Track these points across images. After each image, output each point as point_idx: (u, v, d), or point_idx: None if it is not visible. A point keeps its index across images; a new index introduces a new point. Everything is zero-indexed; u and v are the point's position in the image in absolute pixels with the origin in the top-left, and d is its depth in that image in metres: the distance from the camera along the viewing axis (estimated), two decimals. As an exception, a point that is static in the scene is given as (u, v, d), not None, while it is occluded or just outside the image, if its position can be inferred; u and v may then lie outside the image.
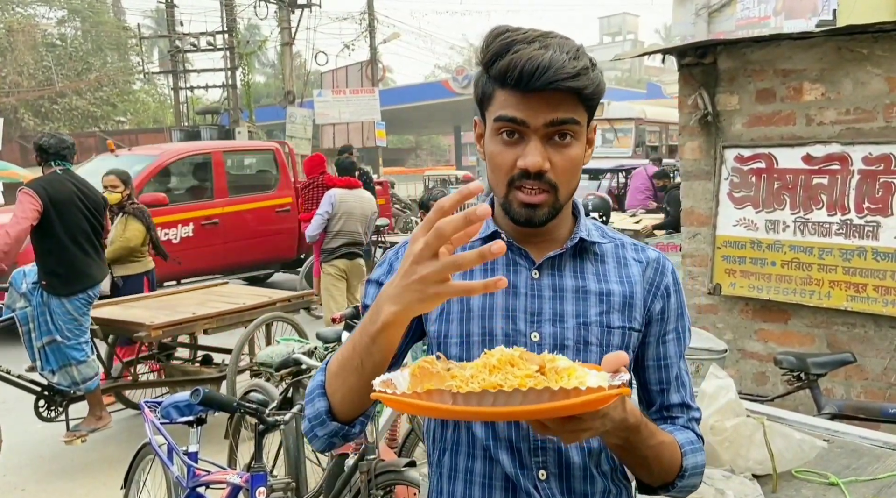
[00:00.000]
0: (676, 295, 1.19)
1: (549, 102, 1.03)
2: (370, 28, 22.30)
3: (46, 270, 4.23)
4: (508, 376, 0.83)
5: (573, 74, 1.01)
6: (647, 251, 1.20)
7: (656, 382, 1.18)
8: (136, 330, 4.38)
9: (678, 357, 1.19)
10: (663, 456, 1.08)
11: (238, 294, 5.50)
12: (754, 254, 3.46)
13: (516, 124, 1.04)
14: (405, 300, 0.87)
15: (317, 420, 1.06)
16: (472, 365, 0.87)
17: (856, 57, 3.14)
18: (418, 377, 0.87)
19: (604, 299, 1.13)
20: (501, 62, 1.03)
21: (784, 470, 1.86)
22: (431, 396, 0.82)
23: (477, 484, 1.12)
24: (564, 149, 1.06)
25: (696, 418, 1.20)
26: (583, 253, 1.16)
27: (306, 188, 6.89)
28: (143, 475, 2.98)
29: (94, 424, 4.47)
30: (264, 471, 2.40)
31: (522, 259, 1.14)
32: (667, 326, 1.18)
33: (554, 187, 1.07)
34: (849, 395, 3.30)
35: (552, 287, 1.13)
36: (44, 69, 26.28)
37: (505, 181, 1.08)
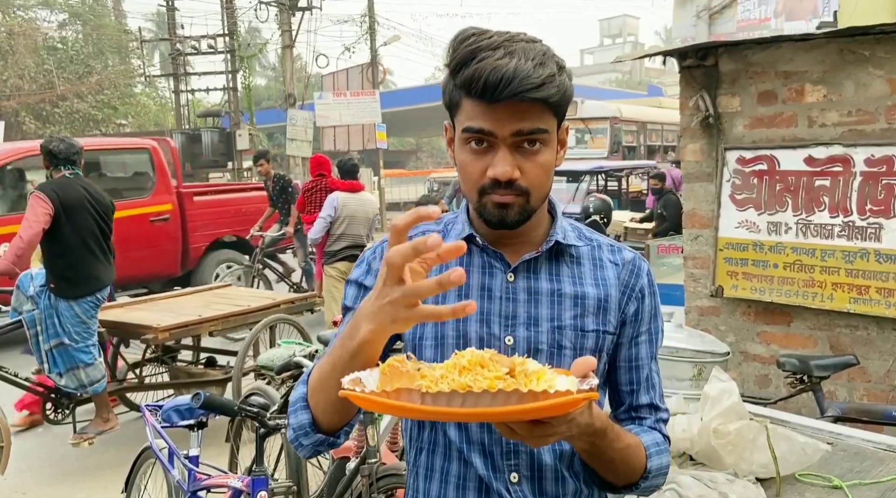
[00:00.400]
0: (651, 297, 1.19)
1: (515, 113, 1.02)
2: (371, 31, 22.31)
3: (56, 273, 4.24)
4: (478, 377, 0.83)
5: (538, 85, 1.00)
6: (623, 252, 1.20)
7: (626, 383, 1.19)
8: (144, 332, 4.40)
9: (650, 359, 1.20)
10: (629, 458, 1.09)
11: (242, 296, 5.51)
12: (756, 256, 3.45)
13: (483, 135, 1.04)
14: (379, 320, 0.88)
15: (301, 431, 1.07)
16: (443, 365, 0.87)
17: (857, 58, 3.13)
18: (388, 376, 0.87)
19: (578, 303, 1.13)
20: (466, 71, 1.01)
21: (787, 473, 1.85)
22: (400, 396, 0.82)
23: (452, 484, 1.13)
24: (534, 156, 1.06)
25: (664, 419, 1.22)
26: (558, 255, 1.16)
27: (309, 191, 6.89)
28: (144, 479, 2.97)
29: (102, 426, 4.49)
30: (265, 474, 2.40)
31: (498, 262, 1.14)
32: (640, 328, 1.18)
33: (525, 193, 1.07)
34: (852, 397, 3.29)
35: (527, 290, 1.13)
36: (45, 72, 26.32)
37: (476, 190, 1.08)
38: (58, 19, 29.35)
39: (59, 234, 4.21)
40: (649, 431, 1.18)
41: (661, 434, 1.19)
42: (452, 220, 1.21)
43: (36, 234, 4.12)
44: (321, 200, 6.37)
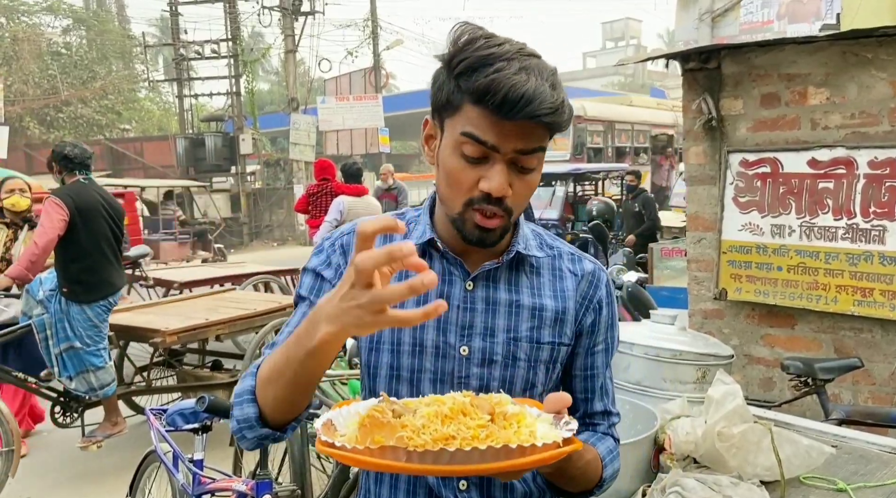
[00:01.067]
0: (608, 307, 1.20)
1: (523, 131, 1.00)
2: (373, 35, 22.38)
3: (69, 277, 4.26)
4: (461, 427, 0.82)
5: (553, 110, 0.99)
6: (584, 262, 1.20)
7: (581, 391, 1.21)
8: (152, 336, 4.42)
9: (605, 367, 1.22)
10: (588, 472, 1.12)
11: (248, 300, 5.53)
12: (760, 259, 3.45)
13: (486, 147, 1.01)
14: (343, 322, 0.83)
15: (246, 424, 1.04)
16: (424, 414, 0.84)
17: (860, 61, 3.14)
18: (368, 428, 0.84)
19: (536, 314, 1.13)
20: (480, 80, 0.97)
21: (792, 476, 1.85)
22: (385, 454, 0.79)
23: (402, 490, 1.14)
24: (526, 176, 1.05)
25: (616, 423, 1.24)
26: (518, 265, 1.15)
27: (314, 195, 6.90)
28: (149, 483, 2.98)
29: (110, 429, 4.51)
30: (269, 478, 2.40)
31: (457, 269, 1.13)
32: (596, 338, 1.19)
33: (509, 212, 1.06)
34: (856, 400, 3.28)
35: (485, 300, 1.12)
36: (49, 78, 26.42)
37: (463, 200, 1.05)
38: (62, 25, 29.47)
39: (74, 239, 4.24)
40: (603, 437, 1.20)
41: (614, 438, 1.23)
42: (415, 218, 1.18)
43: (51, 240, 4.15)
44: (326, 204, 6.40)
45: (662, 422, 2.01)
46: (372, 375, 1.15)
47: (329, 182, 6.82)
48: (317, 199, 6.86)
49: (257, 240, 20.90)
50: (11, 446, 3.73)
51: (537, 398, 1.12)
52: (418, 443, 0.79)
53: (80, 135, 25.36)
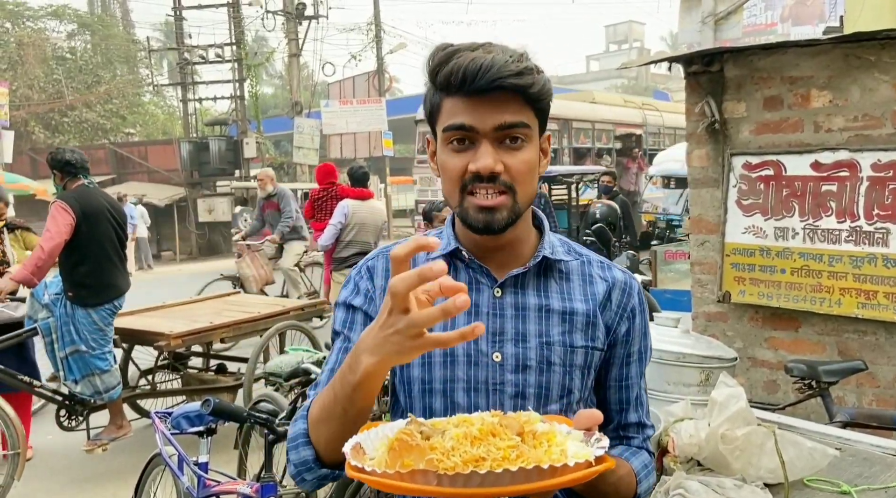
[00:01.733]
0: (641, 315, 1.18)
1: (496, 105, 1.01)
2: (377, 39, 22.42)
3: (75, 281, 4.28)
4: (491, 448, 0.81)
5: (517, 72, 1.00)
6: (614, 270, 1.19)
7: (616, 402, 1.19)
8: (156, 339, 4.44)
9: (639, 377, 1.20)
10: (621, 488, 1.10)
11: (251, 303, 5.54)
12: (763, 261, 3.45)
13: (465, 131, 1.03)
14: (384, 352, 0.84)
15: (304, 466, 1.05)
16: (453, 435, 0.84)
17: (863, 64, 3.14)
18: (397, 452, 0.83)
19: (567, 318, 1.12)
20: (445, 69, 1.02)
21: (795, 479, 1.85)
22: (415, 478, 0.79)
23: None
24: (517, 152, 1.04)
25: (650, 436, 1.22)
26: (547, 271, 1.14)
27: (319, 199, 6.92)
28: (154, 486, 2.99)
29: (115, 432, 4.52)
30: (274, 481, 2.41)
31: (484, 277, 1.12)
32: (631, 348, 1.17)
33: (511, 189, 1.04)
34: (860, 403, 3.28)
35: (515, 306, 1.11)
36: (54, 82, 26.52)
37: (458, 188, 1.05)
38: (67, 29, 29.58)
39: (79, 243, 4.26)
40: (637, 451, 1.18)
41: (648, 452, 1.20)
42: (437, 234, 1.18)
43: (57, 245, 4.17)
44: (331, 208, 6.42)
45: (666, 424, 2.01)
46: (406, 392, 1.14)
47: (333, 186, 6.84)
48: (321, 203, 6.88)
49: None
50: (17, 449, 3.75)
51: (574, 405, 1.11)
52: (448, 466, 0.79)
53: (85, 139, 25.45)
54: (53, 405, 4.49)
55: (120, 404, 4.54)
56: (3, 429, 3.82)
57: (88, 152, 21.77)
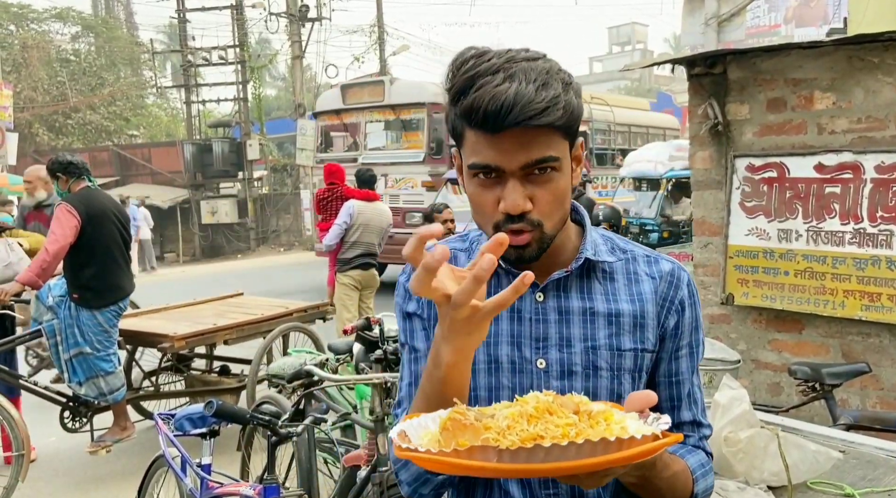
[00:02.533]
0: (692, 308, 1.13)
1: (522, 142, 0.96)
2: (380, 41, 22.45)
3: (80, 283, 4.29)
4: (549, 426, 0.78)
5: (541, 110, 0.94)
6: (661, 263, 1.13)
7: (667, 399, 1.13)
8: (160, 341, 4.45)
9: (691, 373, 1.14)
10: (676, 486, 1.04)
11: (254, 305, 5.55)
12: (767, 263, 3.44)
13: (491, 169, 0.99)
14: (455, 336, 0.88)
15: (418, 481, 1.04)
16: (507, 415, 0.82)
17: (867, 65, 3.13)
18: (451, 431, 0.81)
19: (613, 321, 1.08)
20: (465, 101, 0.96)
21: (799, 482, 1.85)
22: (474, 454, 0.76)
23: None
24: (546, 183, 1.00)
25: (707, 435, 1.16)
26: (590, 272, 1.10)
27: (325, 199, 6.91)
28: (157, 487, 2.99)
29: (119, 434, 4.53)
30: (277, 483, 2.41)
31: None
32: (680, 342, 1.12)
33: (539, 225, 1.01)
34: (864, 405, 3.27)
35: (557, 310, 1.08)
36: (58, 84, 26.59)
37: (490, 225, 1.03)
38: (71, 32, 29.66)
39: (85, 245, 4.27)
40: (693, 450, 1.12)
41: (705, 452, 1.14)
42: (478, 238, 1.16)
43: (62, 248, 4.19)
44: (336, 208, 6.42)
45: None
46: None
47: (337, 186, 6.84)
48: (327, 204, 6.87)
49: (264, 245, 20.94)
50: (22, 451, 3.76)
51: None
52: (507, 443, 0.76)
53: (89, 141, 25.52)
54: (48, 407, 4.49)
55: (124, 406, 4.55)
56: (7, 431, 3.83)
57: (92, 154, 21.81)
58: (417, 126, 11.15)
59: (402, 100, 11.02)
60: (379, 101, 11.33)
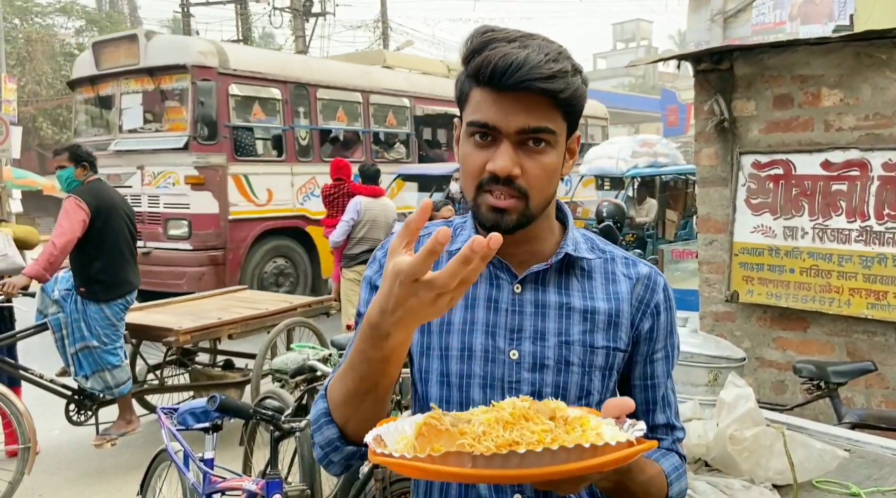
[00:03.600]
0: (667, 313, 1.14)
1: (523, 106, 0.98)
2: (384, 36, 22.42)
3: (88, 277, 4.30)
4: (525, 432, 0.78)
5: (547, 75, 0.96)
6: (639, 266, 1.15)
7: (642, 402, 1.15)
8: (165, 335, 4.45)
9: (666, 376, 1.16)
10: (651, 490, 1.06)
11: (258, 300, 5.55)
12: (772, 261, 3.43)
13: (488, 129, 1.01)
14: (410, 320, 0.84)
15: (329, 447, 1.03)
16: (483, 420, 0.82)
17: (874, 62, 3.11)
18: (426, 437, 0.81)
19: (588, 317, 1.09)
20: (477, 59, 0.99)
21: (804, 480, 1.84)
22: (449, 460, 0.76)
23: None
24: (538, 155, 1.02)
25: (680, 439, 1.18)
26: (569, 268, 1.11)
27: (331, 195, 6.91)
28: (160, 481, 2.99)
29: (125, 427, 4.54)
30: (280, 478, 2.40)
31: (504, 273, 1.10)
32: (655, 345, 1.14)
33: (524, 194, 1.02)
34: (869, 404, 3.26)
35: (534, 303, 1.09)
36: (62, 78, 26.58)
37: (474, 185, 1.04)
38: (75, 26, 29.67)
39: (93, 238, 4.28)
40: (667, 454, 1.14)
41: (679, 455, 1.16)
42: (461, 224, 1.18)
43: (70, 241, 4.18)
44: (343, 204, 6.44)
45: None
46: (423, 380, 1.13)
47: (344, 182, 6.83)
48: (333, 200, 6.86)
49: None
50: (28, 444, 3.77)
51: (594, 407, 1.07)
52: (482, 449, 0.76)
53: (93, 135, 25.54)
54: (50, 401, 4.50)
55: (129, 400, 4.57)
56: (13, 424, 3.84)
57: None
58: (180, 98, 7.98)
59: (160, 61, 7.94)
60: (134, 64, 8.15)
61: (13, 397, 3.86)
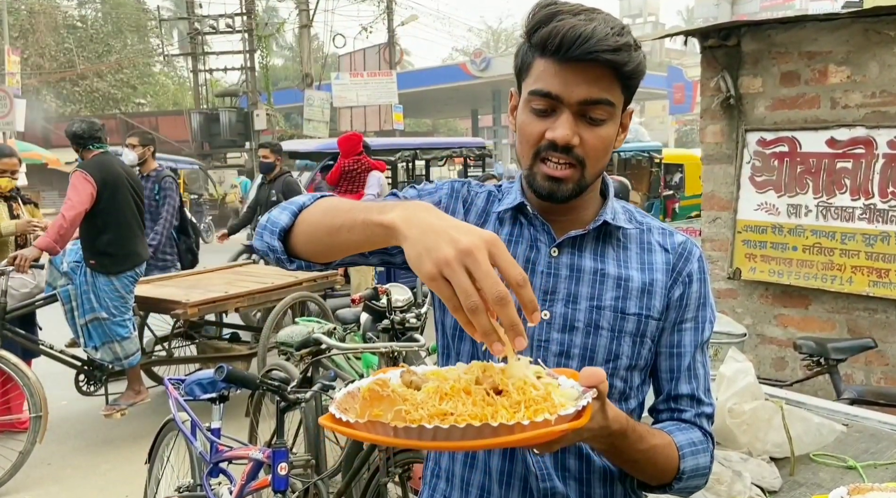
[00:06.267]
0: (700, 284, 1.15)
1: (586, 77, 1.01)
2: (388, 10, 22.21)
3: (97, 249, 4.35)
4: (458, 405, 0.81)
5: (613, 48, 0.99)
6: (675, 236, 1.17)
7: (666, 370, 1.15)
8: (174, 308, 4.50)
9: (693, 347, 1.14)
10: (657, 459, 1.05)
11: (264, 274, 5.58)
12: (775, 238, 3.43)
13: (550, 99, 1.02)
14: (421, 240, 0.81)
15: (272, 228, 1.05)
16: (426, 389, 0.85)
17: (883, 39, 3.09)
18: (368, 401, 0.85)
19: (621, 284, 1.11)
20: (544, 30, 1.01)
21: (802, 453, 1.86)
22: (374, 428, 0.81)
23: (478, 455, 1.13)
24: (596, 127, 1.04)
25: (707, 414, 1.15)
26: (606, 236, 1.13)
27: (352, 170, 6.84)
28: (167, 450, 3.04)
29: (133, 398, 4.62)
30: (286, 447, 2.44)
31: (544, 236, 1.13)
32: (685, 314, 1.14)
33: (581, 163, 1.05)
34: (869, 380, 3.28)
35: (570, 266, 1.11)
36: (65, 51, 26.47)
37: (531, 152, 1.06)
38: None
39: (101, 211, 4.32)
40: (687, 428, 1.12)
41: (702, 430, 1.13)
42: (509, 187, 1.20)
43: (79, 214, 4.24)
44: (362, 180, 6.43)
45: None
46: (443, 334, 1.17)
47: (363, 156, 6.80)
48: (354, 175, 6.81)
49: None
50: (39, 413, 3.84)
51: (623, 371, 1.11)
52: (415, 418, 0.80)
53: (96, 109, 25.47)
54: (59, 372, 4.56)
55: (138, 371, 4.65)
56: (25, 395, 3.90)
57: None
58: None
59: None
60: None
61: (25, 368, 3.92)
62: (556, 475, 1.10)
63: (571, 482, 1.11)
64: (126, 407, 4.57)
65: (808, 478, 1.79)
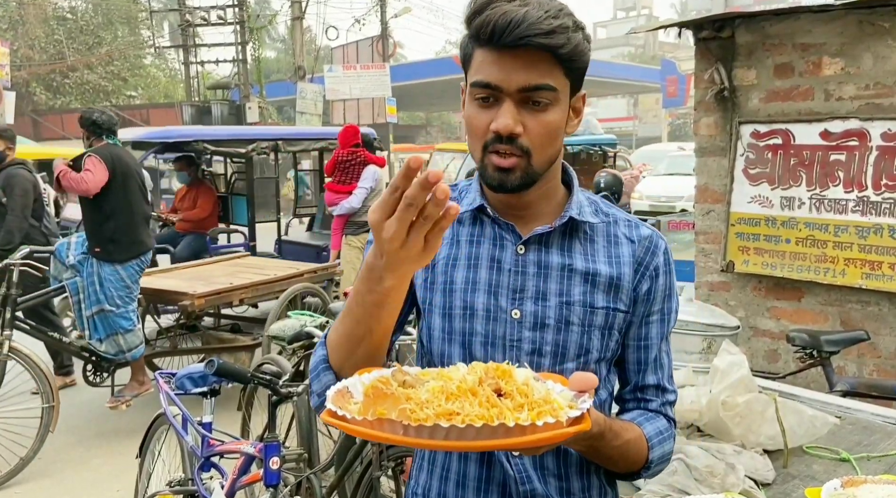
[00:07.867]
0: (665, 276, 1.16)
1: (524, 63, 0.99)
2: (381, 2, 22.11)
3: (103, 237, 4.36)
4: (465, 405, 0.81)
5: (547, 31, 0.97)
6: (641, 228, 1.17)
7: (634, 362, 1.17)
8: (180, 299, 4.50)
9: (660, 339, 1.17)
10: (629, 453, 1.08)
11: (263, 266, 5.58)
12: (769, 231, 3.43)
13: (491, 89, 1.01)
14: (397, 267, 0.86)
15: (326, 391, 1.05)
16: (429, 389, 0.84)
17: (877, 31, 3.08)
18: (371, 399, 0.84)
19: (589, 279, 1.11)
20: (478, 19, 1.00)
21: (795, 445, 1.86)
22: (382, 426, 0.80)
23: (454, 453, 1.13)
24: (540, 113, 1.02)
25: (671, 401, 1.19)
26: (572, 231, 1.13)
27: (347, 162, 6.82)
28: (158, 445, 3.02)
29: (137, 389, 4.65)
30: (277, 441, 2.43)
31: (509, 234, 1.12)
32: (652, 307, 1.15)
33: (527, 152, 1.03)
34: (861, 373, 3.29)
35: (537, 264, 1.11)
36: (55, 43, 26.25)
37: (480, 146, 1.05)
38: (67, -11, 29.19)
39: (109, 198, 4.36)
40: (654, 417, 1.16)
41: (667, 418, 1.17)
42: (466, 187, 1.19)
43: (97, 183, 4.28)
44: (357, 172, 6.41)
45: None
46: (428, 338, 1.16)
47: (360, 149, 6.77)
48: (349, 167, 6.79)
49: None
50: (51, 403, 3.87)
51: (593, 364, 1.11)
52: (421, 417, 0.79)
53: (87, 101, 25.28)
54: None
55: (142, 362, 4.67)
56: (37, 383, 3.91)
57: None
58: None
59: None
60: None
61: (37, 359, 3.93)
62: (536, 476, 1.11)
63: (551, 479, 1.12)
64: (130, 398, 4.62)
65: (802, 470, 1.79)
